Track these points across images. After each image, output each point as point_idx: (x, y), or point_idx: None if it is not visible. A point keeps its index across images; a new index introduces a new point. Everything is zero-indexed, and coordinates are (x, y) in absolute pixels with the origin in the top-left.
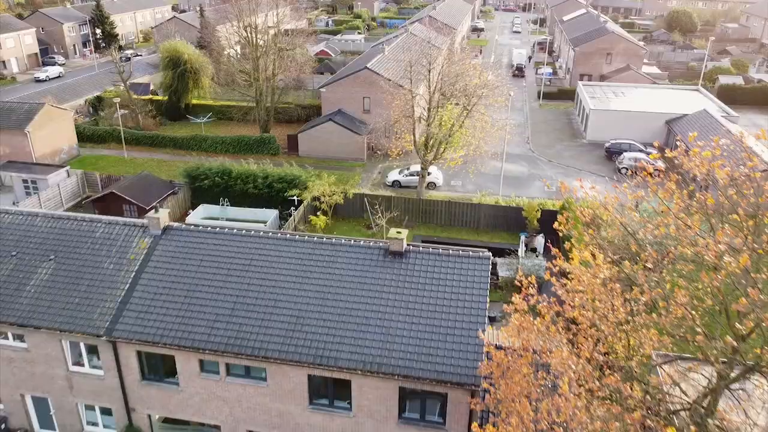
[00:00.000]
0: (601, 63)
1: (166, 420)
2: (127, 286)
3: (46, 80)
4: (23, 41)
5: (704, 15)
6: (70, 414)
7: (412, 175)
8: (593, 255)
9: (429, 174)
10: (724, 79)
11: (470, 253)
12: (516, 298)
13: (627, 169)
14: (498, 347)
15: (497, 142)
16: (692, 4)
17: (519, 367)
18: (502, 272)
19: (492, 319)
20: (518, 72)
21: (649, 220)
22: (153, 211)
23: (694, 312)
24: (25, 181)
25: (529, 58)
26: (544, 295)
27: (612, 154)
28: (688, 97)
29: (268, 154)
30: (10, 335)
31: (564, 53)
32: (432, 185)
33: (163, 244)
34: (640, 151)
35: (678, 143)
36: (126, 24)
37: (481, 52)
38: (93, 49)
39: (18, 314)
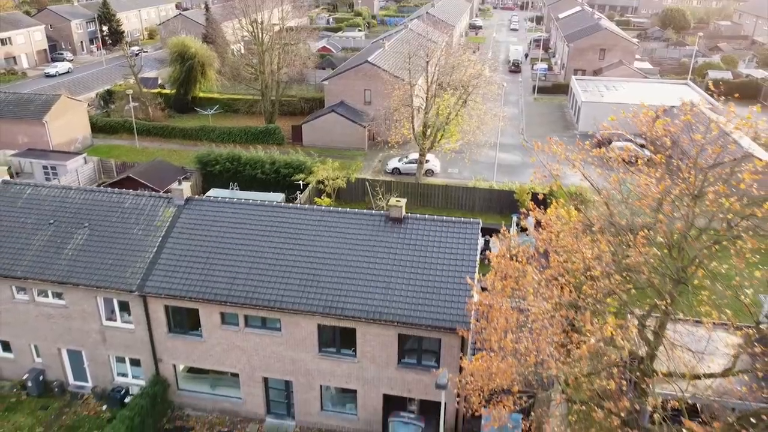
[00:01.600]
0: (595, 59)
1: (190, 369)
2: (155, 248)
3: (55, 75)
4: (33, 38)
5: (698, 13)
6: (102, 366)
7: (411, 162)
8: (568, 212)
9: (427, 161)
10: (713, 74)
11: (462, 219)
12: (497, 243)
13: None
14: (483, 288)
15: (492, 129)
16: (686, 2)
17: (500, 304)
18: (495, 249)
19: (484, 290)
20: (515, 68)
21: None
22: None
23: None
24: (45, 167)
25: (526, 55)
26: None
27: (601, 143)
28: (677, 91)
29: (274, 144)
30: (50, 293)
31: (559, 49)
32: (430, 172)
33: (186, 213)
34: (628, 140)
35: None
36: (131, 21)
37: (478, 49)
38: (100, 46)
39: (58, 273)
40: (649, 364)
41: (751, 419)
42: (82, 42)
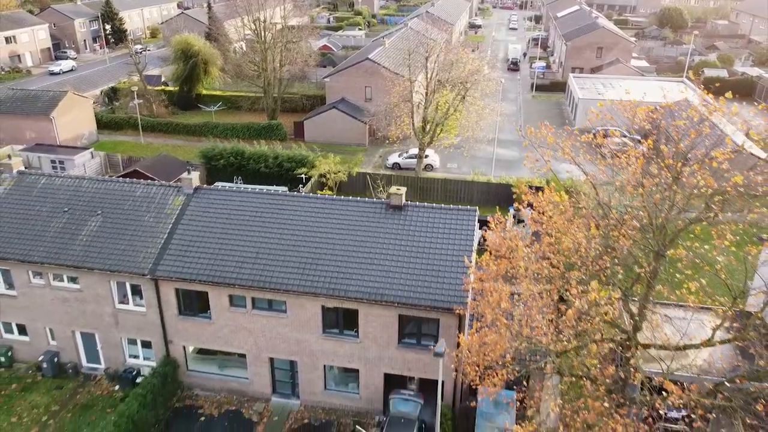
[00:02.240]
0: (592, 57)
1: (199, 351)
2: (166, 235)
3: (59, 73)
4: (37, 36)
5: (696, 12)
6: (114, 348)
7: (410, 157)
8: (560, 196)
9: (426, 157)
10: (709, 72)
11: (459, 207)
12: (492, 223)
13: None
14: (479, 269)
15: (490, 124)
16: (684, 1)
17: (494, 279)
18: (492, 235)
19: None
20: (513, 66)
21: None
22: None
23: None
24: (53, 161)
25: (524, 54)
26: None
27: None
28: (673, 88)
29: (276, 140)
30: (65, 278)
31: (557, 48)
32: (429, 167)
33: (195, 201)
34: (624, 136)
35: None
36: (134, 20)
37: (478, 48)
38: (104, 44)
39: (73, 258)
40: (634, 336)
41: (727, 383)
42: (85, 40)
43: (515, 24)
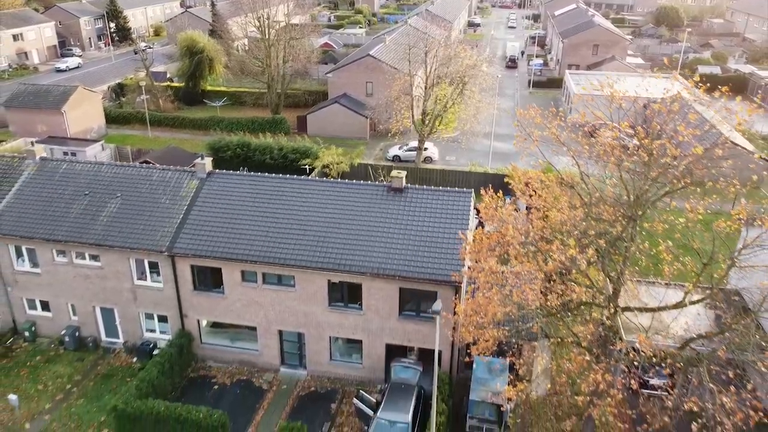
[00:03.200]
0: (588, 54)
1: (212, 325)
2: (182, 215)
3: (66, 70)
4: (43, 34)
5: (692, 11)
6: (132, 322)
7: (410, 150)
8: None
9: (426, 149)
10: (702, 69)
11: (456, 189)
12: (485, 197)
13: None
14: (473, 240)
15: (487, 117)
16: (681, 0)
17: (487, 247)
18: (488, 228)
19: None
20: (511, 63)
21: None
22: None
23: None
24: (65, 153)
25: (522, 52)
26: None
27: (592, 133)
28: (666, 85)
29: (280, 133)
30: (87, 256)
31: (554, 46)
32: (429, 159)
33: (208, 185)
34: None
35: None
36: (137, 18)
37: (477, 46)
38: (109, 42)
39: (95, 237)
40: (613, 299)
41: (700, 340)
42: (90, 38)
43: (514, 23)
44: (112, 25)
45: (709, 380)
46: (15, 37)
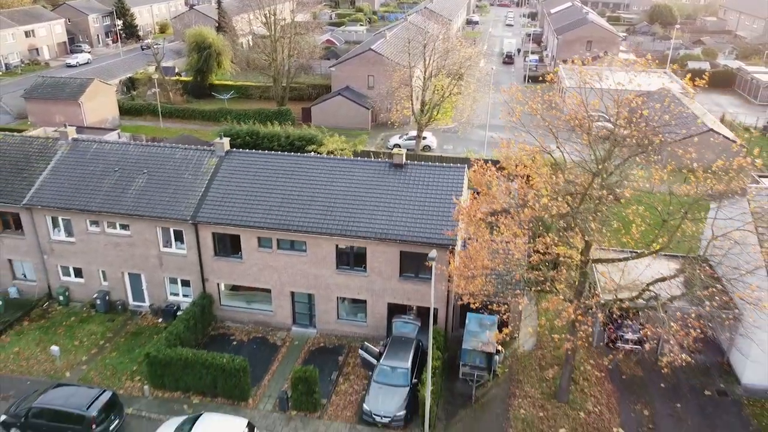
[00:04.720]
0: (582, 50)
1: (231, 288)
2: (203, 188)
3: (76, 66)
4: (54, 30)
5: (685, 9)
6: (158, 286)
7: (410, 139)
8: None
9: (425, 138)
10: (692, 65)
11: (451, 164)
12: (475, 165)
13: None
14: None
15: (482, 107)
16: None
17: (478, 207)
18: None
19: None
20: (508, 59)
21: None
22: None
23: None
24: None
25: (518, 50)
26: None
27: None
28: (656, 79)
29: (287, 123)
30: (117, 225)
31: (550, 42)
32: (427, 148)
33: (227, 162)
34: (608, 120)
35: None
36: (143, 16)
37: (475, 43)
38: (117, 38)
39: (125, 208)
40: (586, 251)
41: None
42: (98, 35)
43: (511, 21)
44: (120, 22)
45: (663, 311)
46: (27, 34)
